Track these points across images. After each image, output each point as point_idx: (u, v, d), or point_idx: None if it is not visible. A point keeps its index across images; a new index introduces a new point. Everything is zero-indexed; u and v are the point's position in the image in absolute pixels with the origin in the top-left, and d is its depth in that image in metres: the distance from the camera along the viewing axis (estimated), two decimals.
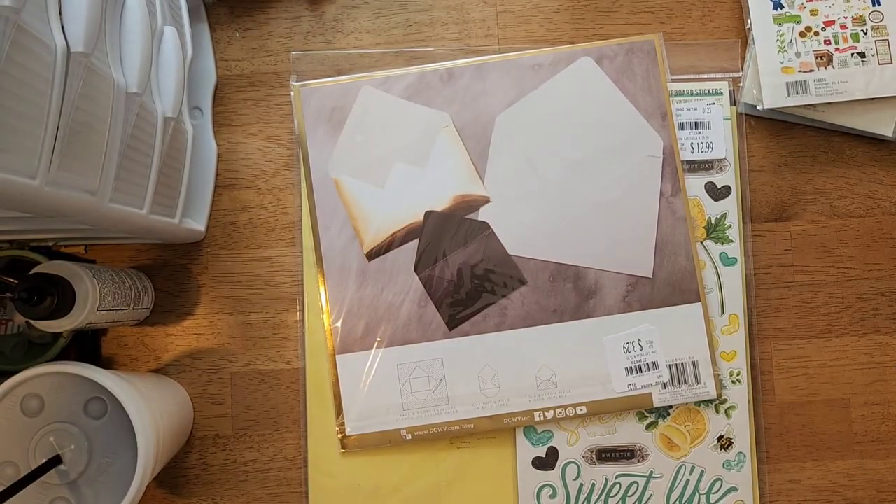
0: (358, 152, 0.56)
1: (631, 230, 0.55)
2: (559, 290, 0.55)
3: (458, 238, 0.55)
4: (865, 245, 0.58)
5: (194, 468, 0.57)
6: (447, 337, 0.55)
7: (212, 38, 0.59)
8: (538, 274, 0.55)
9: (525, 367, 0.54)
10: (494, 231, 0.55)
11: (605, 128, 0.56)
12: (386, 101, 0.56)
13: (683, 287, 0.55)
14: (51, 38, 0.33)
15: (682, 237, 0.55)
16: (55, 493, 0.48)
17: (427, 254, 0.55)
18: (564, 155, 0.55)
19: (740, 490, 0.55)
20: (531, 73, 0.56)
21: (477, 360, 0.54)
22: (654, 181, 0.55)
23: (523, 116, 0.55)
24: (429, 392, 0.54)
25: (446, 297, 0.55)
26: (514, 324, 0.54)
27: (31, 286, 0.44)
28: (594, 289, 0.55)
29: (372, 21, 0.59)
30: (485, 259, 0.55)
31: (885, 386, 0.57)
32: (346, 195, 0.55)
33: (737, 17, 0.59)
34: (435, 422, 0.54)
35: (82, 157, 0.37)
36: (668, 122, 0.56)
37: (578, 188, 0.55)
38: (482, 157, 0.55)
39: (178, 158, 0.52)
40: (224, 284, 0.57)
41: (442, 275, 0.55)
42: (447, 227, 0.55)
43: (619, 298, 0.55)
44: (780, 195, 0.58)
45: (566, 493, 0.55)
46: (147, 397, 0.48)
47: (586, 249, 0.55)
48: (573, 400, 0.54)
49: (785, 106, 0.55)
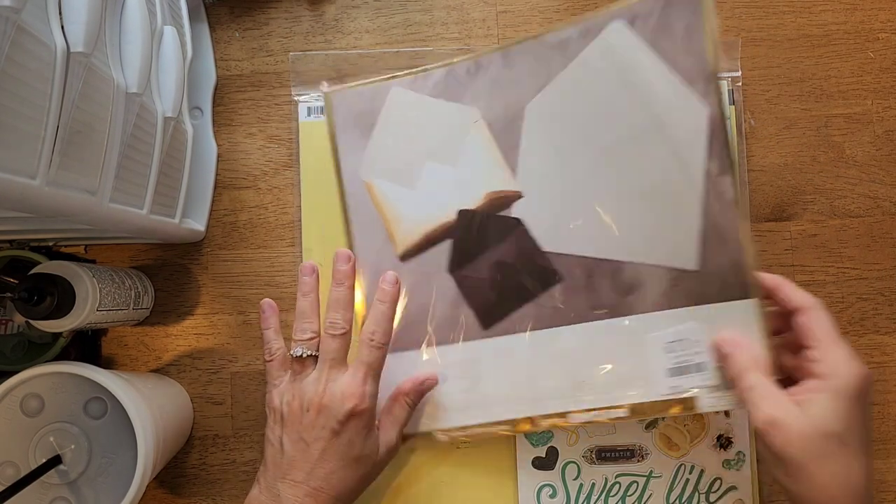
0: (389, 154, 0.54)
1: (673, 218, 0.50)
2: (596, 286, 0.51)
3: (492, 236, 0.53)
4: (865, 245, 0.58)
5: (194, 468, 0.57)
6: (482, 337, 0.53)
7: (212, 37, 0.59)
8: (574, 270, 0.52)
9: (562, 367, 0.51)
10: (528, 227, 0.52)
11: (640, 103, 0.50)
12: (415, 101, 0.54)
13: (734, 280, 0.48)
14: (51, 39, 0.33)
15: (733, 223, 0.48)
16: (55, 492, 0.48)
17: (461, 253, 0.53)
18: (597, 140, 0.51)
19: (740, 489, 0.55)
20: (559, 52, 0.51)
21: (513, 360, 0.52)
22: (699, 159, 0.49)
23: (552, 103, 0.52)
24: (464, 393, 0.53)
25: (480, 297, 0.53)
26: (550, 322, 0.52)
27: (31, 286, 0.44)
28: (634, 284, 0.51)
29: (372, 21, 0.59)
30: (518, 257, 0.52)
31: (885, 386, 0.57)
32: (378, 198, 0.54)
33: (737, 16, 0.59)
34: (471, 423, 0.52)
35: (82, 157, 0.37)
36: (713, 88, 0.48)
37: (613, 176, 0.51)
38: (513, 150, 0.53)
39: (178, 158, 0.52)
40: (224, 284, 0.57)
41: (476, 274, 0.53)
42: (481, 226, 0.53)
43: (662, 293, 0.50)
44: (780, 195, 0.58)
45: (566, 492, 0.55)
46: (147, 397, 0.48)
47: (624, 242, 0.51)
48: (612, 402, 0.51)
49: None
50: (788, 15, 0.59)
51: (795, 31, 0.59)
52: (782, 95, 0.58)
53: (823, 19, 0.59)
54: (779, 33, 0.59)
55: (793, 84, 0.59)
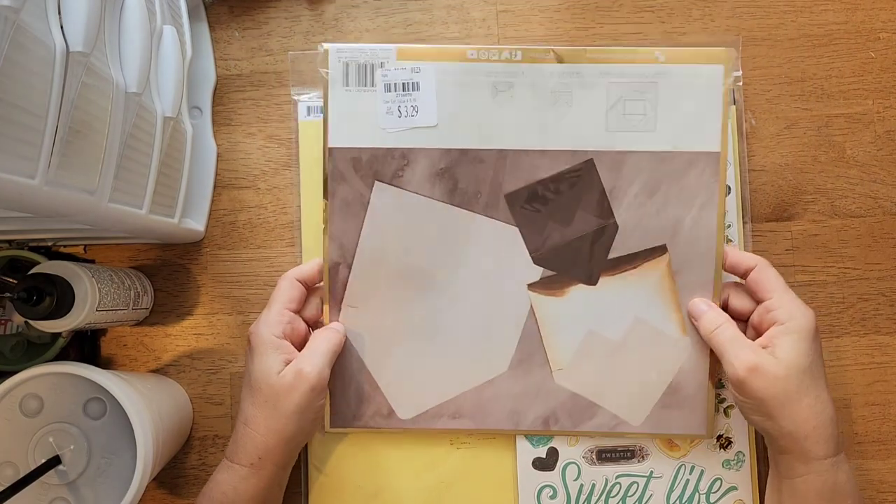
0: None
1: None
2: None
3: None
4: (866, 245, 0.58)
5: (194, 468, 0.56)
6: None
7: (211, 37, 0.59)
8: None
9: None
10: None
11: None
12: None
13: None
14: (50, 38, 0.33)
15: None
16: (55, 493, 0.48)
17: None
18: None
19: (740, 489, 0.55)
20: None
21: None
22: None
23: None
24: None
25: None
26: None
27: (31, 286, 0.44)
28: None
29: (372, 20, 0.59)
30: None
31: (886, 386, 0.57)
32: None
33: (738, 16, 0.59)
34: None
35: (81, 157, 0.37)
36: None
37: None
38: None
39: (177, 158, 0.52)
40: (223, 284, 0.57)
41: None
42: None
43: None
44: (781, 195, 0.58)
45: (566, 493, 0.55)
46: (146, 397, 0.48)
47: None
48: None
49: None
50: (789, 14, 0.59)
51: (796, 30, 0.59)
52: (783, 95, 0.58)
53: (824, 19, 0.59)
54: (779, 33, 0.59)
55: (793, 84, 0.58)
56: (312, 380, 0.47)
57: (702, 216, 0.52)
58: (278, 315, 0.49)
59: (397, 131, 0.51)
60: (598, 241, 0.52)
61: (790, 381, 0.45)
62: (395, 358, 0.53)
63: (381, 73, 0.51)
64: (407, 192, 0.52)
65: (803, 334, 0.47)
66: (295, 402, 0.46)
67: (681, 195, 0.52)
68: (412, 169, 0.52)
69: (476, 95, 0.51)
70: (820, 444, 0.46)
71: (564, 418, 0.54)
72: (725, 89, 0.51)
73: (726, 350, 0.48)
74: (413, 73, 0.51)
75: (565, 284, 0.53)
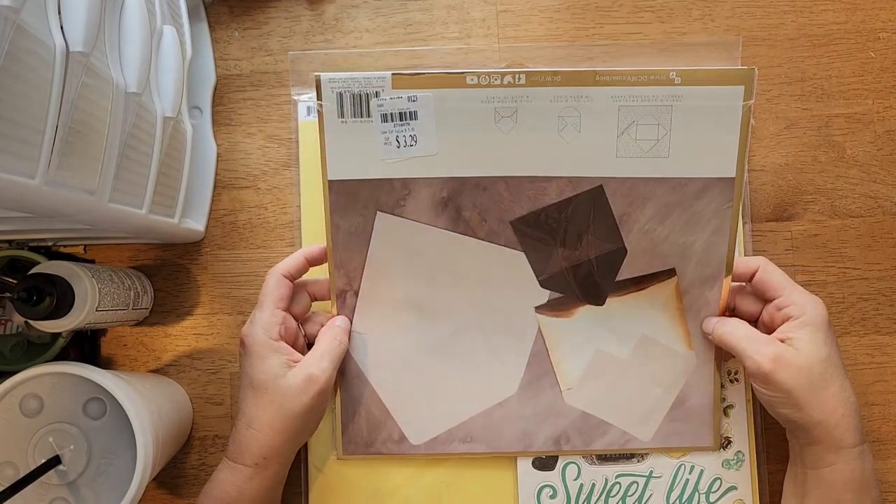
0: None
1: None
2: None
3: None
4: (866, 245, 0.58)
5: (194, 468, 0.56)
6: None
7: (211, 37, 0.59)
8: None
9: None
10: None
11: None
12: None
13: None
14: (50, 38, 0.33)
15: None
16: (54, 493, 0.48)
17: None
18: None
19: (740, 489, 0.55)
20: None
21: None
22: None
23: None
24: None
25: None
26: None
27: (31, 286, 0.44)
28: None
29: (372, 20, 0.59)
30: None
31: (886, 386, 0.57)
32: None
33: (738, 16, 0.59)
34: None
35: (81, 157, 0.37)
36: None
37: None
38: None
39: (177, 158, 0.52)
40: (223, 284, 0.57)
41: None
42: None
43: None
44: (781, 195, 0.58)
45: (566, 493, 0.55)
46: (146, 397, 0.48)
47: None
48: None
49: None
50: (789, 14, 0.59)
51: (796, 30, 0.59)
52: (783, 95, 0.58)
53: (824, 19, 0.59)
54: (779, 33, 0.59)
55: (793, 84, 0.58)
56: (322, 383, 0.47)
57: (714, 241, 0.50)
58: (271, 316, 0.48)
59: (397, 161, 0.49)
60: (606, 265, 0.52)
61: (814, 371, 0.46)
62: (404, 383, 0.53)
63: (377, 102, 0.48)
64: (410, 220, 0.51)
65: (818, 325, 0.47)
66: (304, 404, 0.47)
67: (693, 221, 0.50)
68: (414, 198, 0.50)
69: (477, 122, 0.48)
70: (850, 433, 0.46)
71: (575, 437, 0.54)
72: (745, 112, 0.48)
73: (746, 347, 0.48)
74: (410, 102, 0.48)
75: (573, 305, 0.53)
